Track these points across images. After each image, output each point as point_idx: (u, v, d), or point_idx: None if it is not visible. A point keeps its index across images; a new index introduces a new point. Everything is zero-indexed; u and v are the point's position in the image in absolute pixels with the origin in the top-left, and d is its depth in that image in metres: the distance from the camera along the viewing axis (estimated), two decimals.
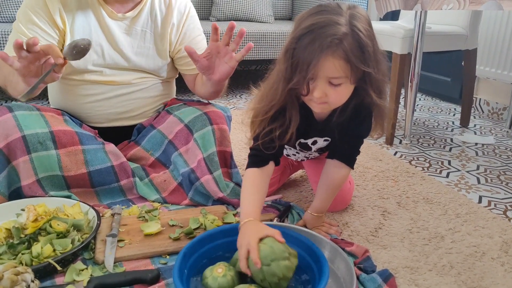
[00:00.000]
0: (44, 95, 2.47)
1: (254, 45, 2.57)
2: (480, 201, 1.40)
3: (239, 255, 0.84)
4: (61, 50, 1.21)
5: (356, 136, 1.07)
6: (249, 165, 1.03)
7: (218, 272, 0.84)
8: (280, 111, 0.98)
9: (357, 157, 1.11)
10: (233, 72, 1.17)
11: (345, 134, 1.05)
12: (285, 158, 1.35)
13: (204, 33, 1.43)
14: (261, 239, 0.83)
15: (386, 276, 0.93)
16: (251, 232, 0.85)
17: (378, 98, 0.95)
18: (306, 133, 1.09)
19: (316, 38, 0.83)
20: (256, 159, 1.02)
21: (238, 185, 1.28)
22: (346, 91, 0.92)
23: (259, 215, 0.93)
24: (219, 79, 1.18)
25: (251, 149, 1.05)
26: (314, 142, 1.12)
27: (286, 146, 1.21)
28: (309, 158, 1.25)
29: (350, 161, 1.10)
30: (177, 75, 1.46)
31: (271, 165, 1.03)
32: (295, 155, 1.24)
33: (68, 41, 1.20)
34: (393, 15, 2.96)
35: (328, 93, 0.89)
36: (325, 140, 1.11)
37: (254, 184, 1.00)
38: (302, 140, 1.12)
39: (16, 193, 1.14)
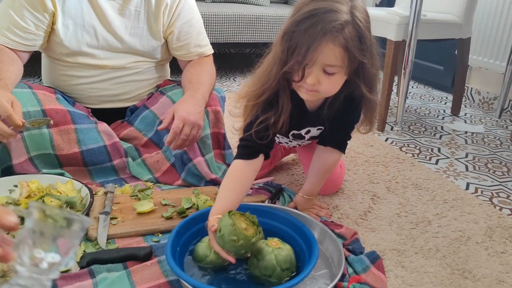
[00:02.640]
0: (36, 73, 2.44)
1: (249, 28, 2.55)
2: (467, 188, 1.43)
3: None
4: (51, 31, 1.19)
5: (348, 123, 1.08)
6: (237, 157, 0.99)
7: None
8: (273, 99, 0.98)
9: (348, 142, 1.12)
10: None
11: (337, 122, 1.06)
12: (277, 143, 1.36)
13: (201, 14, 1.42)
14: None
15: (374, 257, 0.96)
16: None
17: (369, 92, 0.95)
18: (299, 124, 1.08)
19: (318, 22, 0.83)
20: (246, 151, 0.99)
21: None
22: (338, 82, 0.91)
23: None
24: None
25: (242, 139, 1.01)
26: (308, 132, 1.12)
27: (278, 135, 1.21)
28: (301, 145, 1.27)
29: (341, 147, 1.11)
30: (171, 58, 1.45)
31: (260, 158, 1.00)
32: (287, 143, 1.24)
33: (59, 22, 1.18)
34: (389, 2, 2.95)
35: (321, 81, 0.88)
36: (318, 129, 1.12)
37: (237, 178, 0.96)
38: (295, 131, 1.12)
39: (7, 171, 1.14)
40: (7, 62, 1.12)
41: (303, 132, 1.12)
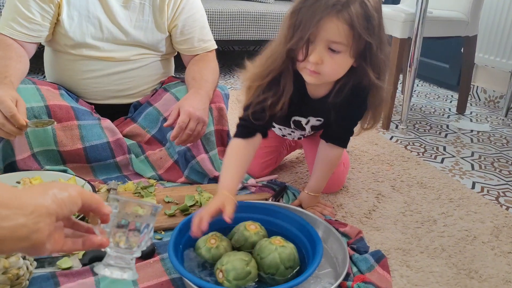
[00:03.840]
0: (40, 70, 2.44)
1: (253, 25, 2.54)
2: (473, 187, 1.41)
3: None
4: (57, 22, 1.19)
5: (351, 118, 1.06)
6: (236, 135, 1.01)
7: (211, 243, 0.85)
8: (275, 80, 0.96)
9: (350, 137, 1.10)
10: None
11: (340, 117, 1.04)
12: (282, 140, 1.35)
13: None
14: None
15: (379, 256, 0.95)
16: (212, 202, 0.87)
17: (377, 79, 0.93)
18: (300, 110, 1.07)
19: None
20: (244, 130, 1.00)
21: None
22: (343, 63, 0.89)
23: (235, 189, 0.94)
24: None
25: (240, 119, 1.02)
26: (308, 122, 1.11)
27: (281, 126, 1.20)
28: (305, 136, 1.25)
29: (343, 143, 1.10)
30: (176, 53, 1.44)
31: (258, 137, 1.01)
32: (290, 134, 1.24)
33: (64, 13, 1.18)
34: None
35: (324, 60, 0.87)
36: (317, 120, 1.10)
37: (238, 156, 0.98)
38: (296, 118, 1.11)
39: (10, 167, 1.13)
40: (15, 58, 1.12)
41: (303, 122, 1.11)
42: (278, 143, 1.34)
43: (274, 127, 1.23)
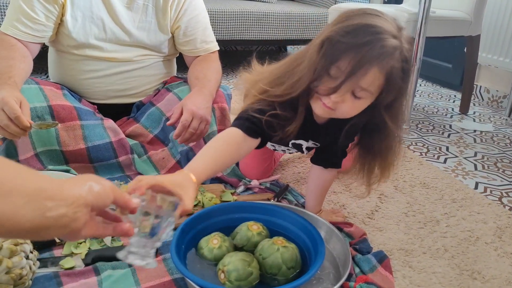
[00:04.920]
0: (43, 69, 2.44)
1: (256, 25, 2.54)
2: (476, 187, 1.41)
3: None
4: (60, 22, 1.20)
5: (346, 145, 1.03)
6: (238, 126, 0.89)
7: (213, 243, 0.85)
8: (293, 100, 0.89)
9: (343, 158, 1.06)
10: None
11: (336, 144, 1.00)
12: None
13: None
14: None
15: (381, 257, 0.94)
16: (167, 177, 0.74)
17: (395, 127, 0.87)
18: (304, 134, 1.00)
19: (374, 41, 0.75)
20: (250, 125, 0.89)
21: (237, 164, 1.29)
22: (360, 107, 0.84)
23: (203, 178, 0.81)
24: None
25: (247, 113, 0.91)
26: (301, 145, 1.07)
27: (277, 145, 1.15)
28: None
29: (337, 165, 1.06)
30: (178, 53, 1.44)
31: (257, 141, 0.92)
32: (284, 151, 1.20)
33: (68, 14, 1.18)
34: None
35: (344, 100, 0.81)
36: (314, 143, 1.06)
37: (229, 146, 0.87)
38: (297, 141, 1.06)
39: None
40: (18, 58, 1.12)
41: (304, 145, 1.06)
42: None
43: None
